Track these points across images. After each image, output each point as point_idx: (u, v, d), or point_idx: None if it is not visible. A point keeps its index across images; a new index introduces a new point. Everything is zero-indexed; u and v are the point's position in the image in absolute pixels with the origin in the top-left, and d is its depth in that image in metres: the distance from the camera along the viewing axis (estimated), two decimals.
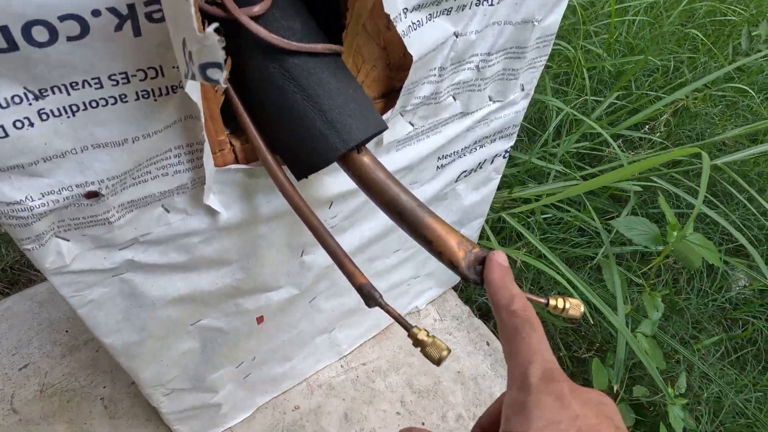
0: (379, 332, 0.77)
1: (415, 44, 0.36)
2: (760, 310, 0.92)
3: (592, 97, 1.13)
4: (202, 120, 0.30)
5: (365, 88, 0.41)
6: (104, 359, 0.72)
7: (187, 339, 0.49)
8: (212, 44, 0.20)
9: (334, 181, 0.45)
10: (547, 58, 0.52)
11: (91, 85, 0.27)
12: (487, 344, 0.78)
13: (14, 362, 0.71)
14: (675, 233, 0.63)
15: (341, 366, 0.74)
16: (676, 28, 1.45)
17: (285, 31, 0.31)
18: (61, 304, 0.77)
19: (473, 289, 0.92)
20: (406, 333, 0.30)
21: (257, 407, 0.68)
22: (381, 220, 0.54)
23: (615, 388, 0.68)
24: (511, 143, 0.60)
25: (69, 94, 0.26)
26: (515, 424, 0.23)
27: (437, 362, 0.30)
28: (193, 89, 0.27)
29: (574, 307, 0.33)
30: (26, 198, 0.28)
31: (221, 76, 0.21)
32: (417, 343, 0.30)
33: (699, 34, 1.40)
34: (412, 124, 0.46)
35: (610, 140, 0.85)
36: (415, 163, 0.50)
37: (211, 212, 0.38)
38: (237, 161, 0.37)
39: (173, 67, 0.28)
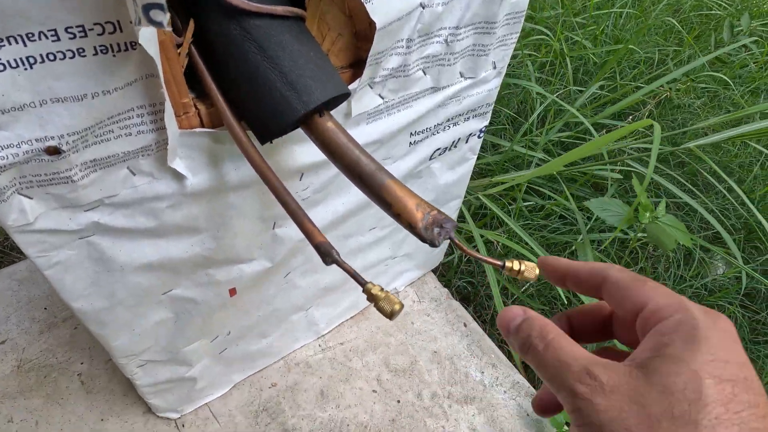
0: (358, 313, 0.78)
1: (378, 12, 0.37)
2: (734, 297, 0.94)
3: (575, 87, 1.14)
4: (162, 77, 0.31)
5: (332, 56, 0.41)
6: (82, 336, 0.72)
7: (159, 309, 0.49)
8: None
9: (304, 151, 0.45)
10: (518, 36, 0.52)
11: (47, 37, 0.27)
12: (465, 325, 0.79)
13: None
14: (647, 214, 0.64)
15: (319, 345, 0.74)
16: (662, 20, 1.47)
17: None
18: (40, 282, 0.77)
19: (453, 273, 0.93)
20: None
21: (234, 384, 0.69)
22: (354, 194, 0.55)
23: None
24: (485, 123, 0.61)
25: (26, 45, 0.27)
26: (680, 350, 0.21)
27: (390, 315, 0.30)
28: (149, 42, 0.28)
29: (529, 269, 0.34)
30: None
31: (164, 17, 0.21)
32: (371, 297, 0.31)
33: (682, 29, 1.42)
34: (382, 97, 0.47)
35: (590, 128, 0.86)
36: (386, 138, 0.51)
37: (178, 177, 0.39)
38: (203, 126, 0.38)
39: (131, 23, 0.29)
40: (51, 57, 0.28)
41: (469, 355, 0.75)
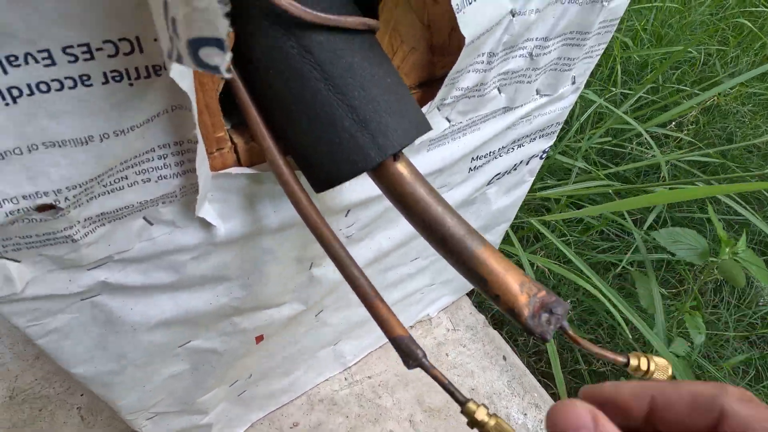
0: (387, 342, 0.71)
1: (469, 23, 0.28)
2: None
3: (619, 90, 1.05)
4: (195, 112, 0.23)
5: (401, 75, 0.33)
6: None
7: (174, 362, 0.42)
8: (209, 7, 0.13)
9: (356, 185, 0.37)
10: (605, 47, 0.44)
11: (38, 61, 0.19)
12: (504, 359, 0.71)
13: None
14: (727, 249, 0.56)
15: (345, 378, 0.67)
16: (706, 17, 1.37)
17: None
18: None
19: None
20: (443, 411, 0.23)
21: (251, 424, 0.62)
22: (402, 228, 0.47)
23: None
24: (551, 143, 0.53)
25: (5, 72, 0.19)
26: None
27: None
28: (182, 75, 0.20)
29: (661, 369, 0.26)
30: None
31: (222, 60, 0.13)
32: (474, 423, 0.23)
33: (726, 29, 1.32)
34: (449, 120, 0.38)
35: (647, 137, 0.78)
36: (447, 165, 0.43)
37: (206, 224, 0.31)
38: (239, 163, 0.30)
39: (155, 40, 0.20)
40: (43, 88, 0.20)
41: (510, 394, 0.68)
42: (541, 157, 0.55)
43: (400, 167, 0.28)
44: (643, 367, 0.26)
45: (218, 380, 0.48)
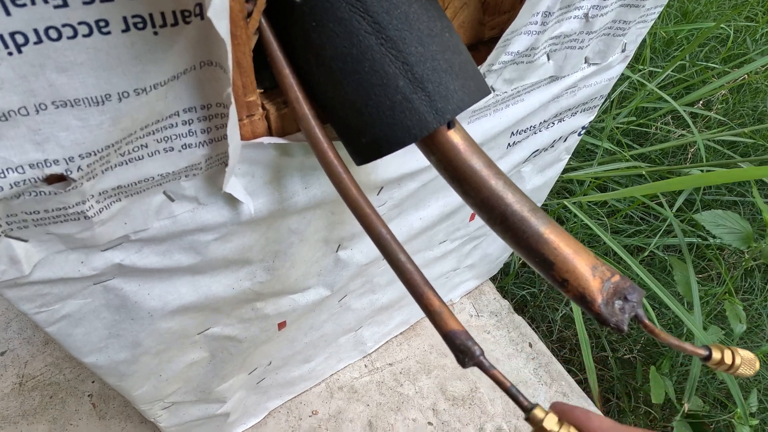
0: (408, 328, 0.68)
1: None
2: None
3: (648, 68, 1.01)
4: (230, 67, 0.19)
5: None
6: None
7: (192, 350, 0.39)
8: None
9: (391, 160, 0.34)
10: (661, 10, 0.40)
11: (47, 1, 0.16)
12: (530, 346, 0.69)
13: None
14: None
15: (365, 366, 0.65)
16: None
17: None
18: None
19: (511, 281, 0.82)
20: (523, 414, 0.20)
21: (269, 411, 0.60)
22: (435, 207, 0.44)
23: (685, 407, 0.59)
24: (591, 118, 0.49)
25: (8, 13, 0.15)
26: None
27: None
28: (220, 13, 0.16)
29: (747, 363, 0.23)
30: None
31: None
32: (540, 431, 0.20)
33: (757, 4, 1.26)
34: (494, 89, 0.35)
35: (684, 114, 0.74)
36: (486, 140, 0.39)
37: (232, 201, 0.28)
38: (270, 133, 0.27)
39: None
40: (53, 34, 0.16)
41: (536, 382, 0.65)
42: (579, 134, 0.51)
43: (455, 136, 0.24)
44: (728, 360, 0.23)
45: (237, 368, 0.45)
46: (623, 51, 0.42)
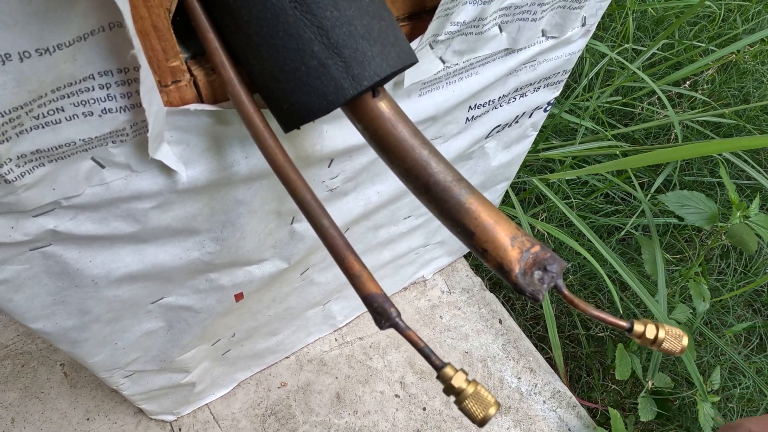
0: None
1: None
2: None
3: (631, 46, 1.00)
4: (129, 26, 0.19)
5: (387, 3, 0.29)
6: None
7: (147, 319, 0.39)
8: None
9: (337, 131, 0.34)
10: None
11: None
12: (500, 322, 0.69)
13: None
14: (738, 213, 0.53)
15: (335, 339, 0.65)
16: None
17: None
18: None
19: None
20: (435, 373, 0.21)
21: (238, 383, 0.61)
22: (393, 182, 0.44)
23: (649, 385, 0.60)
24: (557, 93, 0.49)
25: None
26: None
27: (480, 422, 0.20)
28: None
29: (673, 337, 0.23)
30: None
31: None
32: (450, 390, 0.20)
33: None
34: (443, 61, 0.35)
35: (661, 94, 0.73)
36: (441, 113, 0.39)
37: (166, 169, 0.28)
38: (201, 100, 0.26)
39: None
40: None
41: (504, 357, 0.66)
42: (545, 110, 0.51)
43: (381, 104, 0.24)
44: (649, 335, 0.24)
45: (197, 338, 0.46)
46: (583, 25, 0.42)
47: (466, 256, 0.76)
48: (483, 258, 0.24)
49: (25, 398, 0.57)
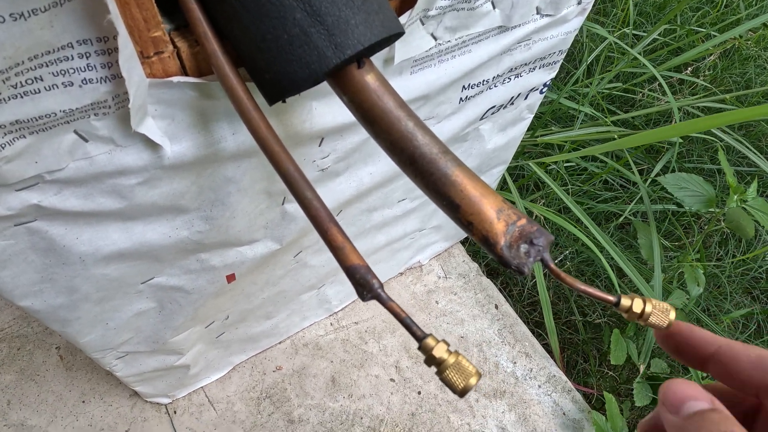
0: None
1: None
2: None
3: (633, 31, 0.98)
4: None
5: None
6: None
7: (138, 299, 0.39)
8: None
9: (327, 108, 0.34)
10: None
11: None
12: (496, 307, 0.69)
13: None
14: (735, 197, 0.53)
15: (330, 324, 0.65)
16: None
17: None
18: None
19: None
20: (417, 344, 0.21)
21: (233, 366, 0.61)
22: (386, 162, 0.44)
23: (641, 369, 0.60)
24: (553, 75, 0.48)
25: None
26: None
27: (461, 392, 0.20)
28: None
29: (659, 313, 0.23)
30: None
31: None
32: (431, 361, 0.20)
33: None
34: (435, 38, 0.34)
35: (661, 80, 0.73)
36: (433, 92, 0.39)
37: (151, 144, 0.28)
38: (185, 73, 0.26)
39: None
40: None
41: (500, 342, 0.66)
42: (541, 92, 0.50)
43: (367, 77, 0.24)
44: (636, 309, 0.23)
45: (190, 320, 0.46)
46: (579, 3, 0.41)
47: (463, 242, 0.75)
48: (468, 231, 0.23)
49: (21, 381, 0.58)
